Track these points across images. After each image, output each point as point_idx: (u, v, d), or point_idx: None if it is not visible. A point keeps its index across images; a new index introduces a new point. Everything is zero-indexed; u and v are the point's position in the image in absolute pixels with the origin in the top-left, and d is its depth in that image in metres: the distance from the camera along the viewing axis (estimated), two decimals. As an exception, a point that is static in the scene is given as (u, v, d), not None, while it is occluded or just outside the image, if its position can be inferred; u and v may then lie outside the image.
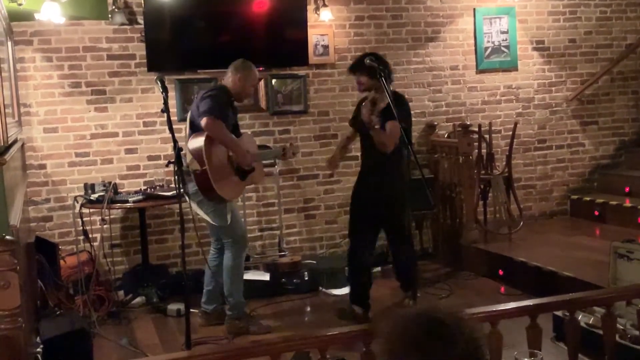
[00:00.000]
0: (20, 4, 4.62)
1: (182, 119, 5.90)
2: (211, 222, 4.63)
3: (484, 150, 6.12)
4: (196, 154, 4.38)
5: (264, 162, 5.33)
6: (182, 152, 4.25)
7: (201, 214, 4.62)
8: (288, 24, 6.09)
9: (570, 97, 7.06)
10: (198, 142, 4.39)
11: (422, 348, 1.44)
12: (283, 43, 6.02)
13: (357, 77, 4.72)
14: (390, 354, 1.48)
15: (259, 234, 6.23)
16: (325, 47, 6.28)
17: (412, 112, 6.30)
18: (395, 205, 4.74)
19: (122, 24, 5.71)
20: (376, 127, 4.45)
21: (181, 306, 4.83)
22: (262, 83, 6.06)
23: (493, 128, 6.41)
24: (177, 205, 4.04)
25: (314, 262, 5.89)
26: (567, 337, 2.95)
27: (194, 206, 4.55)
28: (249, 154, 4.60)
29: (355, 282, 4.92)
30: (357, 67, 4.70)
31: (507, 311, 2.81)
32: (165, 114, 3.84)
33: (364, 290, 4.87)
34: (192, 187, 4.46)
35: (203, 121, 4.35)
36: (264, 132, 6.14)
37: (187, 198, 4.49)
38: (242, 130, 4.97)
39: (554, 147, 7.08)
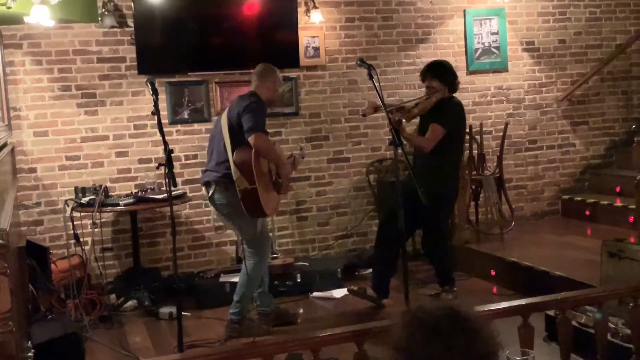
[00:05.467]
0: (9, 7, 4.59)
1: (173, 122, 5.92)
2: (240, 234, 4.66)
3: (475, 151, 6.13)
4: (246, 171, 4.33)
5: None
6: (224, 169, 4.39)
7: (228, 225, 4.65)
8: (279, 26, 6.09)
9: (560, 97, 7.08)
10: (246, 157, 4.35)
11: (445, 337, 1.43)
12: (274, 45, 6.01)
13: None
14: (409, 342, 1.46)
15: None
16: (316, 49, 6.28)
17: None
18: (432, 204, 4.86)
19: (112, 27, 5.69)
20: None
21: (173, 309, 4.81)
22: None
23: (484, 129, 6.43)
24: (168, 208, 4.03)
25: (307, 264, 5.88)
26: (559, 336, 2.95)
27: (221, 218, 4.59)
28: (288, 166, 4.67)
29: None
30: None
31: (499, 311, 2.82)
32: (155, 117, 3.83)
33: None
34: (220, 198, 4.47)
35: (251, 139, 4.33)
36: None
37: (211, 206, 4.57)
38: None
39: (544, 147, 7.10)
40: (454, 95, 5.09)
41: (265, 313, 4.78)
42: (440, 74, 5.01)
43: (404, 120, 4.99)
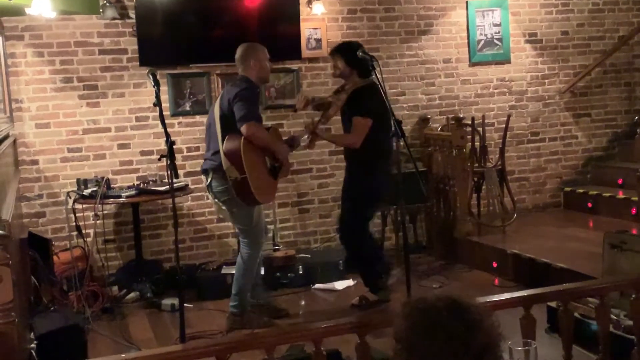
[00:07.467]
0: (10, -1, 4.59)
1: (175, 114, 5.91)
2: (234, 222, 4.61)
3: (477, 143, 6.13)
4: (235, 161, 4.29)
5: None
6: (210, 160, 4.41)
7: (224, 214, 4.63)
8: (280, 17, 6.07)
9: (563, 89, 7.06)
10: (235, 147, 4.30)
11: (445, 328, 1.43)
12: (276, 37, 5.99)
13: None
14: (410, 333, 1.47)
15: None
16: (318, 40, 6.26)
17: (405, 105, 6.41)
18: (350, 198, 4.85)
19: (114, 19, 5.68)
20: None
21: (175, 301, 4.82)
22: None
23: (486, 121, 6.41)
24: (170, 200, 4.03)
25: (309, 256, 5.89)
26: (561, 327, 2.96)
27: (218, 204, 4.55)
28: (286, 149, 4.63)
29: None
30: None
31: (501, 302, 2.82)
32: (157, 109, 3.82)
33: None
34: (218, 185, 4.44)
35: (244, 129, 4.30)
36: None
37: (210, 195, 4.54)
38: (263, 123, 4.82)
39: (547, 139, 7.09)
40: (367, 79, 4.66)
41: (258, 304, 4.78)
42: (345, 53, 4.66)
43: (320, 125, 4.83)
